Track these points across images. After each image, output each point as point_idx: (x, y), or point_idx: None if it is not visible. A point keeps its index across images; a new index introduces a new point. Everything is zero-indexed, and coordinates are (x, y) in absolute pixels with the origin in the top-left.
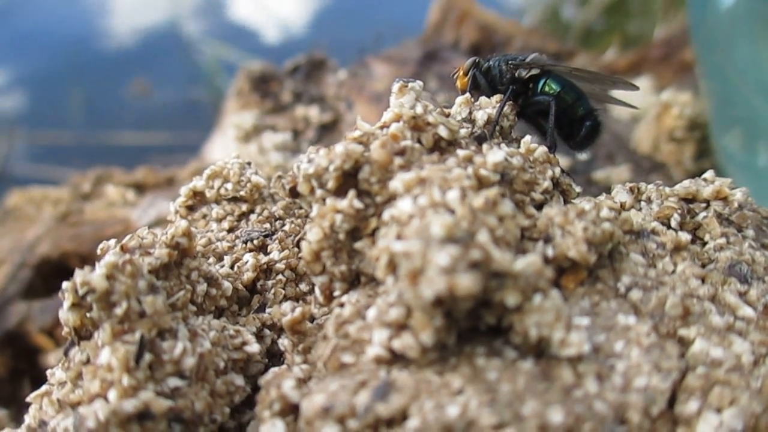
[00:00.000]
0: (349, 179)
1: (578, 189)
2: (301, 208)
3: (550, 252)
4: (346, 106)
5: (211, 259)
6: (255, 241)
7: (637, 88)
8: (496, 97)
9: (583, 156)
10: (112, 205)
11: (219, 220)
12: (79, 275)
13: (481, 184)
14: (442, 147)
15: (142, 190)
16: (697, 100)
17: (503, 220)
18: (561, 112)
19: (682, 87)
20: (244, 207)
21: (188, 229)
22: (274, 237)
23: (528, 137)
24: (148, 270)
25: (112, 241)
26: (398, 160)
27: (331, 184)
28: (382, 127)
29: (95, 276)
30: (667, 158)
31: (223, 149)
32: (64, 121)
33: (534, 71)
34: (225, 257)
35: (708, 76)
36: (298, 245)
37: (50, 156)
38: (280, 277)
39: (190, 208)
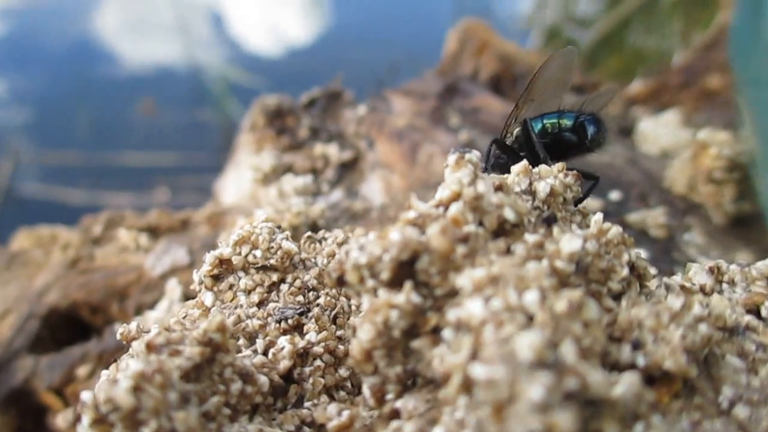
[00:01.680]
0: (404, 268)
1: (654, 271)
2: None
3: (641, 361)
4: (367, 144)
5: (242, 341)
6: (290, 321)
7: (616, 91)
8: (558, 166)
9: (614, 195)
10: (124, 250)
11: (248, 292)
12: (101, 389)
13: (558, 277)
14: (507, 229)
15: (156, 233)
16: (735, 139)
17: (589, 326)
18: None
19: (710, 119)
20: (275, 276)
21: (222, 323)
22: (310, 315)
23: (599, 215)
24: (179, 375)
25: (134, 326)
26: (461, 249)
27: (385, 275)
28: (438, 206)
29: (120, 392)
30: (706, 200)
31: (238, 186)
32: (71, 140)
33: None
34: (257, 340)
35: (755, 113)
36: (334, 322)
37: (56, 176)
38: (318, 362)
39: (216, 278)
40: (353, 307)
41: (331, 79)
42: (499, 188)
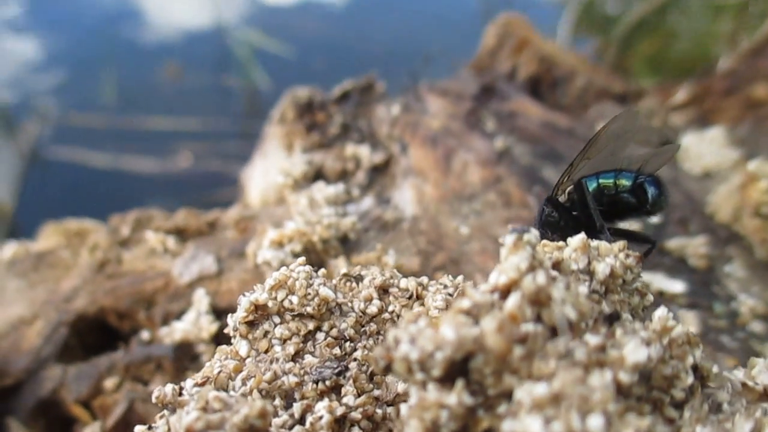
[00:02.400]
0: (457, 364)
1: (715, 369)
2: (373, 323)
3: None
4: (400, 148)
5: (278, 401)
6: (327, 382)
7: (677, 149)
8: (620, 245)
9: (654, 218)
10: (152, 253)
11: (283, 341)
12: None
13: (622, 394)
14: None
15: (183, 236)
16: None
17: None
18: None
19: (756, 136)
20: (311, 325)
21: (263, 410)
22: (348, 375)
23: (663, 311)
24: None
25: (169, 390)
26: (518, 351)
27: (436, 372)
28: (493, 291)
29: None
30: (751, 234)
31: (265, 178)
32: (96, 103)
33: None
34: (294, 404)
35: None
36: (371, 378)
37: (81, 138)
38: (356, 430)
39: (251, 324)
40: None
41: (360, 48)
42: (556, 265)
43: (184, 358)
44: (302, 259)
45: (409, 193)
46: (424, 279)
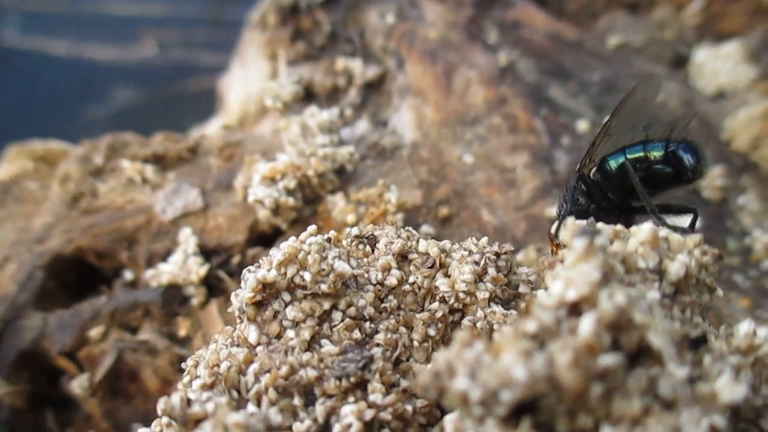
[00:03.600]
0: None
1: None
2: (392, 297)
3: None
4: (396, 63)
5: (297, 399)
6: (352, 378)
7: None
8: (695, 239)
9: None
10: (130, 184)
11: (296, 324)
12: None
13: None
14: (645, 350)
15: (162, 164)
16: None
17: None
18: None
19: (763, 42)
20: (326, 304)
21: None
22: (373, 367)
23: (749, 326)
24: None
25: (176, 401)
26: (597, 388)
27: (500, 412)
28: (559, 306)
29: None
30: None
31: (245, 87)
32: None
33: None
34: (317, 405)
35: None
36: (397, 365)
37: (40, 26)
38: None
39: (259, 304)
40: (415, 343)
41: None
42: (622, 262)
43: (173, 303)
44: (313, 227)
45: (407, 116)
46: (446, 244)
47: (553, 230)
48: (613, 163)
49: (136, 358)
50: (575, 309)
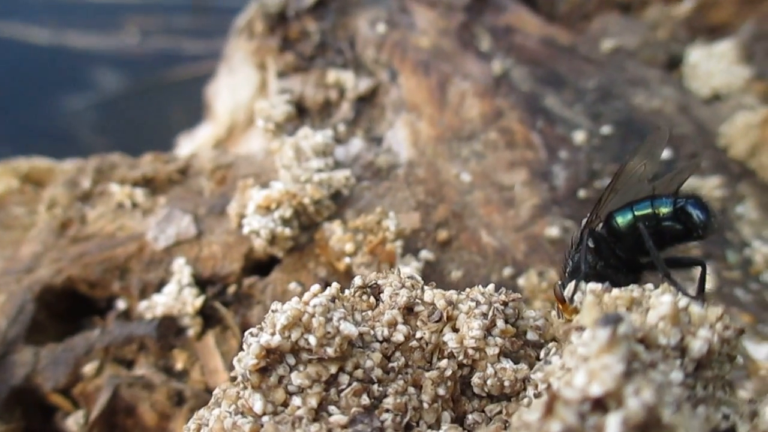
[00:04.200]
0: None
1: None
2: (399, 355)
3: None
4: (389, 76)
5: None
6: None
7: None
8: (717, 312)
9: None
10: (119, 210)
11: (302, 391)
12: None
13: None
14: None
15: (152, 187)
16: None
17: None
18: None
19: (754, 35)
20: (333, 368)
21: None
22: None
23: None
24: None
25: None
26: None
27: None
28: (583, 401)
29: None
30: None
31: (233, 96)
32: None
33: None
34: None
35: None
36: (408, 429)
37: (19, 13)
38: None
39: (264, 370)
40: (425, 405)
41: None
42: (642, 340)
43: (169, 335)
44: (316, 287)
45: (402, 133)
46: (453, 295)
47: (566, 294)
48: (620, 220)
49: (132, 393)
50: (600, 404)
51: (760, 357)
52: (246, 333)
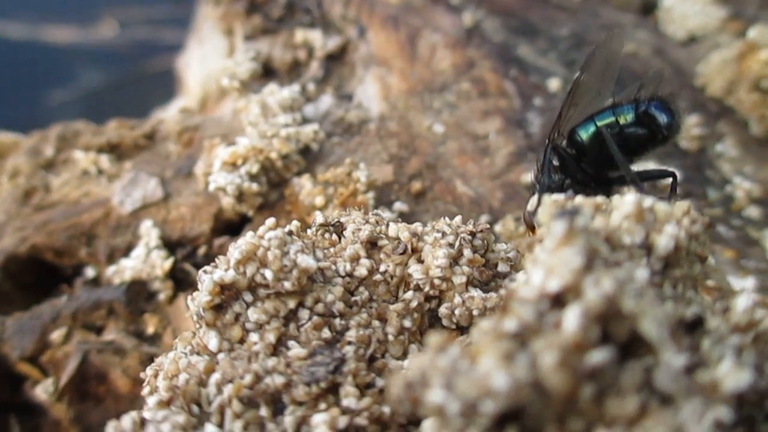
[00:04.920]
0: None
1: None
2: (362, 289)
3: None
4: (357, 32)
5: (263, 410)
6: (322, 383)
7: (662, 74)
8: (683, 207)
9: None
10: (84, 176)
11: (260, 326)
12: None
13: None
14: (635, 338)
15: (118, 153)
16: None
17: None
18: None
19: None
20: (291, 303)
21: None
22: (345, 369)
23: (746, 301)
24: None
25: (127, 424)
26: (587, 390)
27: (483, 423)
28: (540, 298)
29: None
30: (748, 110)
31: (203, 66)
32: None
33: None
34: (286, 416)
35: None
36: (371, 362)
37: None
38: None
39: (219, 308)
40: (390, 337)
41: None
42: (606, 240)
43: (139, 299)
44: (272, 221)
45: (372, 88)
46: (418, 227)
47: (528, 209)
48: (583, 134)
49: (102, 359)
50: (558, 300)
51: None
52: (200, 271)
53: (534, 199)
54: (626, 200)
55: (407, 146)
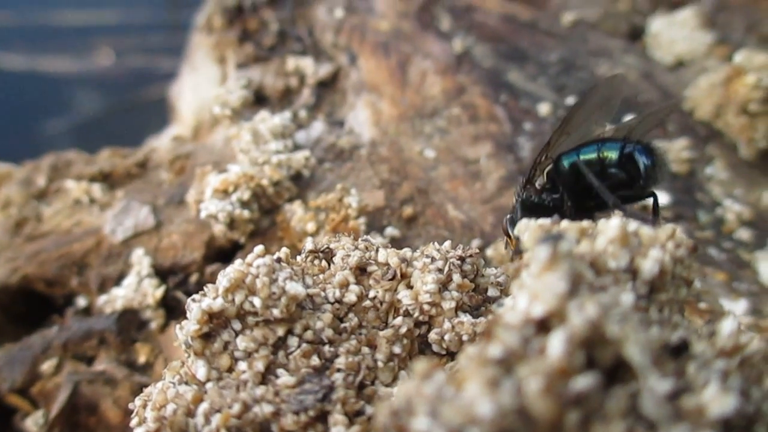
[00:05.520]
0: None
1: None
2: (352, 316)
3: None
4: (348, 59)
5: None
6: (311, 412)
7: (675, 105)
8: (667, 231)
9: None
10: (76, 206)
11: (248, 355)
12: None
13: None
14: (622, 365)
15: (110, 181)
16: None
17: None
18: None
19: (729, 19)
20: (280, 331)
21: None
22: (334, 396)
23: (731, 325)
24: None
25: None
26: (572, 416)
27: None
28: (525, 324)
29: None
30: (737, 134)
31: (196, 95)
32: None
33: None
34: None
35: None
36: (360, 390)
37: None
38: None
39: (207, 337)
40: (379, 364)
41: None
42: (591, 265)
43: (130, 329)
44: (260, 248)
45: (363, 114)
46: (407, 252)
47: (504, 223)
48: (565, 163)
49: (93, 390)
50: (543, 326)
51: (738, 313)
52: (188, 300)
53: (517, 208)
54: (611, 224)
55: (398, 171)
